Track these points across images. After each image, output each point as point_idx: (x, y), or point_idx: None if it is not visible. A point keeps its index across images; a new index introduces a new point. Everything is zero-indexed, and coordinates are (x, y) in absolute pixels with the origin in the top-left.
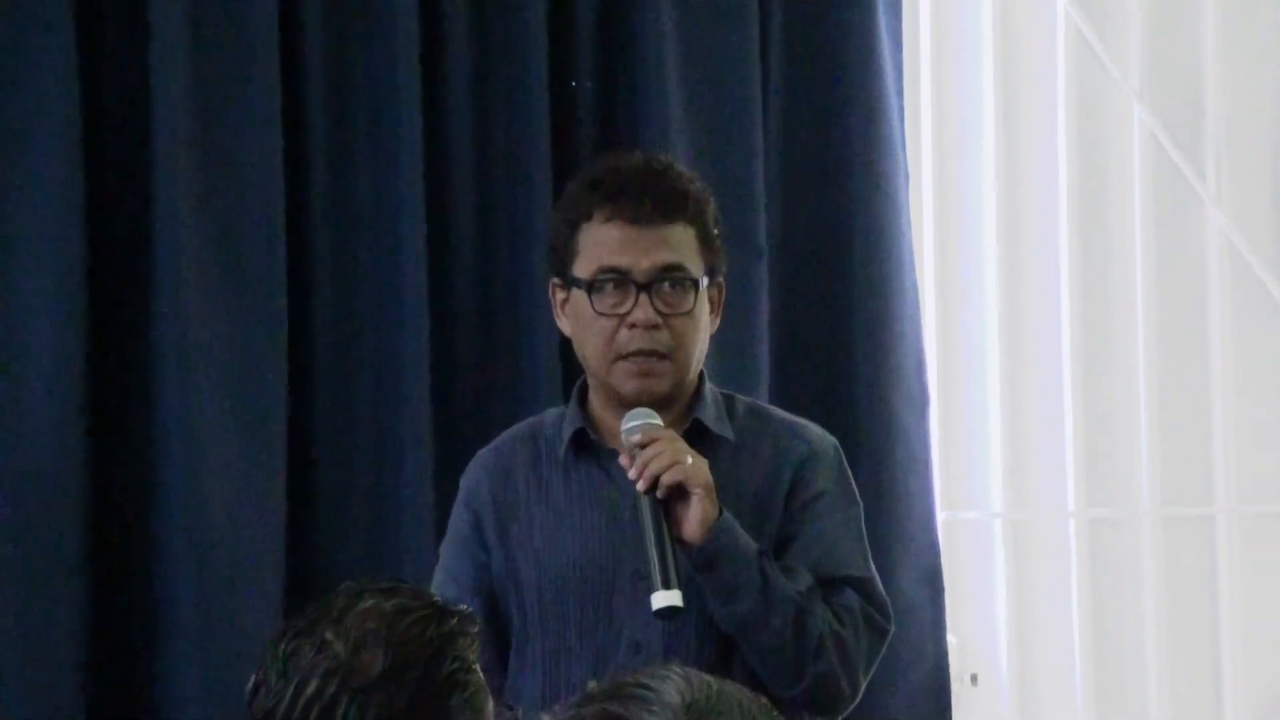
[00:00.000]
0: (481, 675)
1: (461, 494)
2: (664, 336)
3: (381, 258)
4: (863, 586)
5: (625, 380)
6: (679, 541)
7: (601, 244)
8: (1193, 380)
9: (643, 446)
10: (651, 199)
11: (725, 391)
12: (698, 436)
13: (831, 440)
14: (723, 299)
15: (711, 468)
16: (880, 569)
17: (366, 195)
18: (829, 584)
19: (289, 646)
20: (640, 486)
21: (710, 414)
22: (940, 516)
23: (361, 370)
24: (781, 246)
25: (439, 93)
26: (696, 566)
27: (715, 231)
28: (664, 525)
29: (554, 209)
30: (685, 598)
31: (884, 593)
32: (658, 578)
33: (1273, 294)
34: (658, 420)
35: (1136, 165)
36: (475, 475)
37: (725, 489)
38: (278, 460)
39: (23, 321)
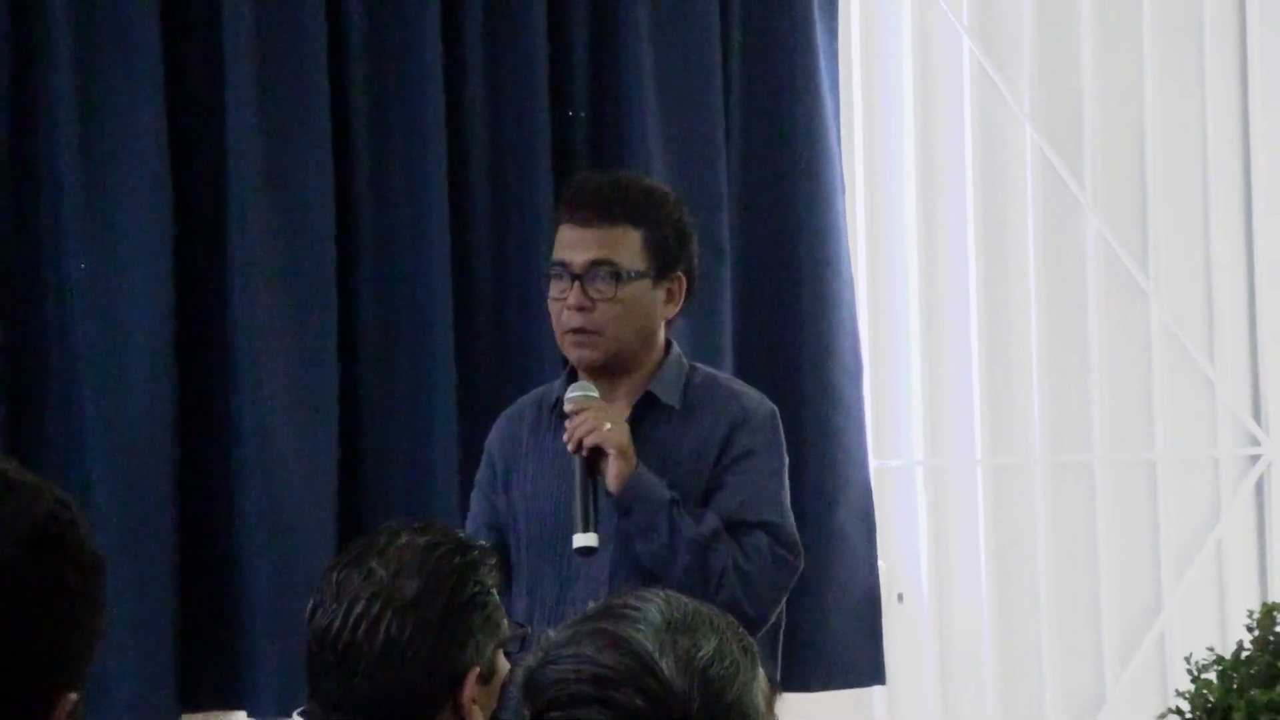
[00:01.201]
0: (498, 597)
1: (485, 448)
2: (595, 317)
3: (414, 260)
4: (772, 529)
5: (570, 351)
6: (608, 492)
7: (558, 243)
8: (1075, 351)
9: (574, 414)
10: (594, 206)
11: (694, 364)
12: (651, 404)
13: (767, 407)
14: (684, 290)
15: (659, 430)
16: (822, 508)
17: (402, 210)
18: (742, 526)
19: (341, 575)
20: (570, 448)
21: (665, 385)
22: (872, 464)
23: (399, 354)
24: (741, 247)
25: (461, 121)
26: (618, 511)
27: (667, 234)
28: (588, 480)
29: None
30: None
31: (794, 535)
32: (578, 523)
33: (1137, 280)
34: (594, 393)
35: (1029, 174)
36: (495, 433)
37: (669, 447)
38: (331, 426)
39: (124, 314)
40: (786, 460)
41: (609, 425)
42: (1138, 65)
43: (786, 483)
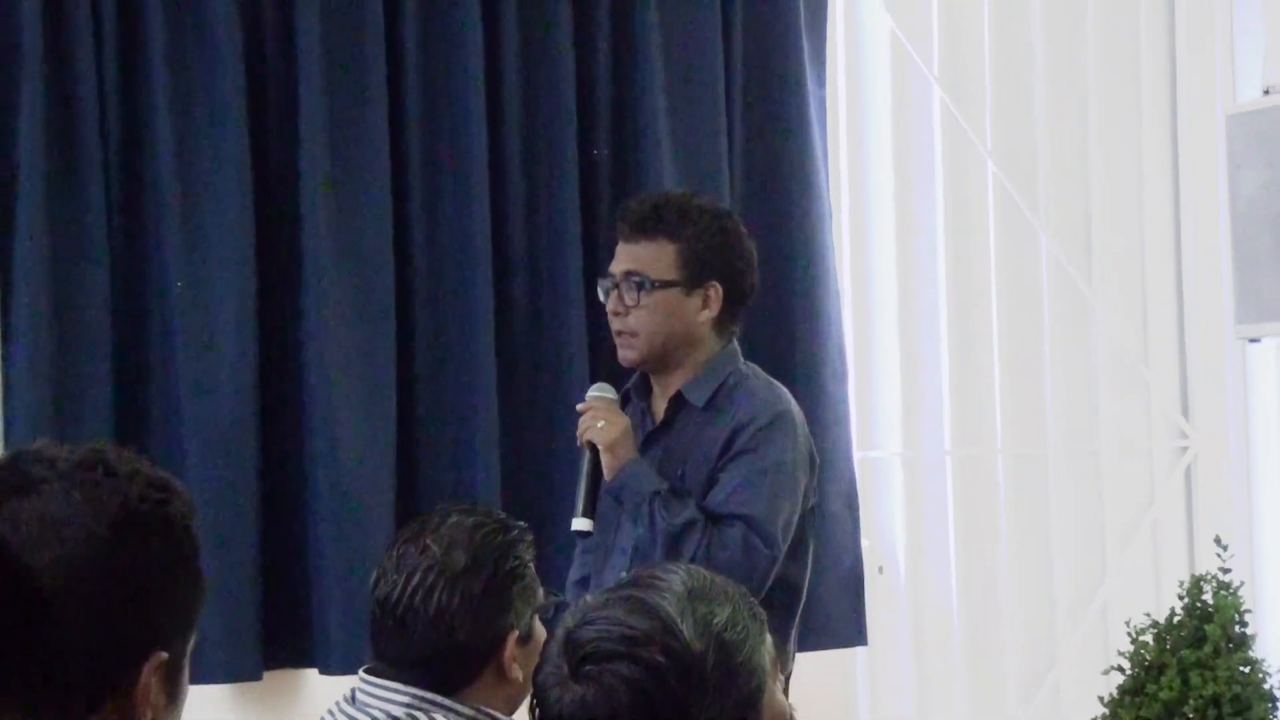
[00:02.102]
0: (533, 570)
1: None
2: (629, 320)
3: (461, 276)
4: (750, 522)
5: (618, 350)
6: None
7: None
8: (1030, 357)
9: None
10: (634, 222)
11: (744, 366)
12: (683, 403)
13: (775, 410)
14: (721, 297)
15: (687, 427)
16: (817, 499)
17: (451, 231)
18: (724, 518)
19: (400, 550)
20: (579, 443)
21: (696, 386)
22: (856, 455)
23: (448, 359)
24: None
25: (502, 160)
26: (613, 499)
27: (700, 247)
28: (591, 471)
29: None
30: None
31: (772, 529)
32: (576, 507)
33: (1084, 294)
34: (608, 394)
35: (990, 202)
36: None
37: (689, 444)
38: (390, 421)
39: (214, 322)
40: (792, 458)
41: (601, 423)
42: (1083, 110)
43: (787, 480)
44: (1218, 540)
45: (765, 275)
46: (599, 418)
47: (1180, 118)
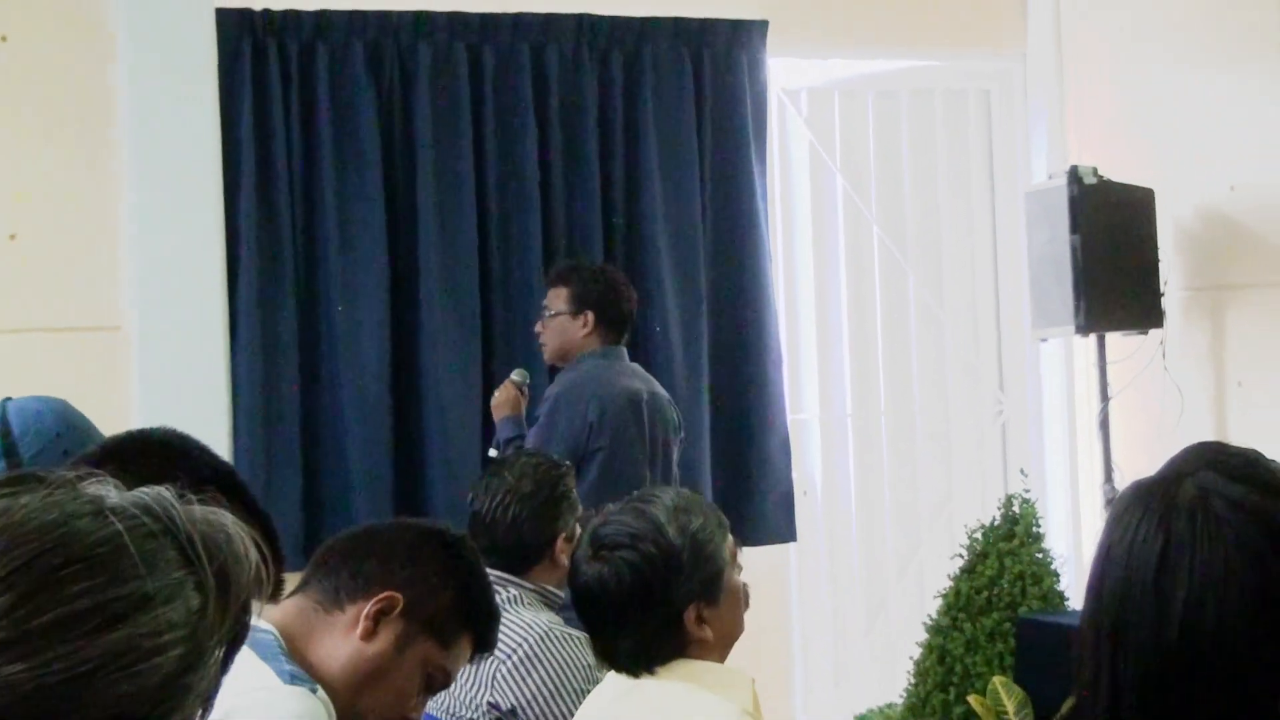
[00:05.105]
0: (575, 493)
1: None
2: (542, 336)
3: (524, 301)
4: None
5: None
6: None
7: None
8: (902, 352)
9: None
10: (550, 277)
11: (619, 365)
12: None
13: (550, 394)
14: (594, 321)
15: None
16: (761, 442)
17: (518, 276)
18: None
19: (487, 480)
20: None
21: (557, 377)
22: (789, 417)
23: (516, 355)
24: (712, 299)
25: (551, 231)
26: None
27: (579, 290)
28: None
29: None
30: None
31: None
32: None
33: (937, 313)
34: (517, 377)
35: (875, 253)
36: None
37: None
38: (476, 394)
39: (362, 335)
40: (556, 416)
41: (495, 396)
42: (935, 190)
43: (544, 430)
44: (1022, 471)
45: (727, 303)
46: (497, 394)
47: (996, 194)
